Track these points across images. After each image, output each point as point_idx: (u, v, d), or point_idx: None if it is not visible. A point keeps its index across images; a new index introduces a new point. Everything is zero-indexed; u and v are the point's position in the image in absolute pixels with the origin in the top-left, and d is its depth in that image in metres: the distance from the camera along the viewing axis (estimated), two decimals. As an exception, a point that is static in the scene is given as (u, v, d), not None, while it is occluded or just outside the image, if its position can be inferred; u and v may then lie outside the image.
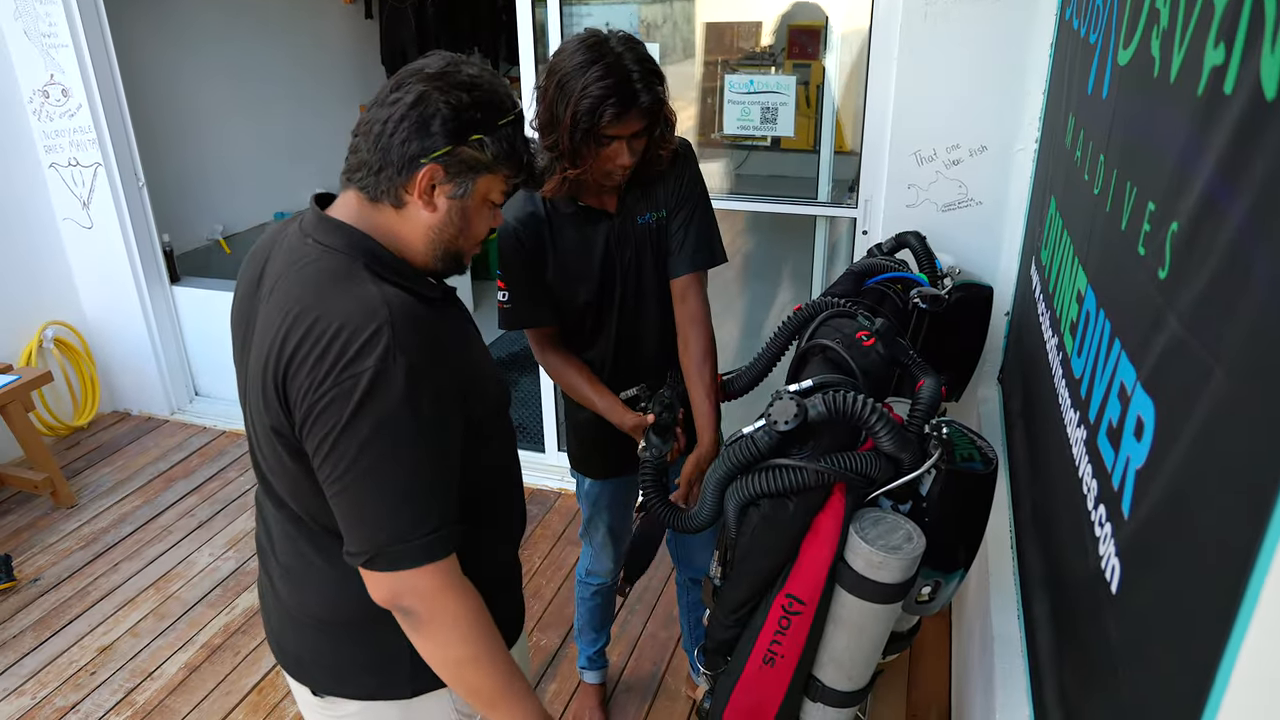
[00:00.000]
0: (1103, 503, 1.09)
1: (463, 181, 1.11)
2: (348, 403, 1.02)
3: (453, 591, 1.11)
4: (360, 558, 1.08)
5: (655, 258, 1.80)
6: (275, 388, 1.09)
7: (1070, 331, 1.46)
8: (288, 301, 1.09)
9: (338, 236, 1.12)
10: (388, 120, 1.08)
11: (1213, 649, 0.69)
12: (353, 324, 1.04)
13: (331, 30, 5.39)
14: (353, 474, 1.05)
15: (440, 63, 1.10)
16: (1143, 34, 1.18)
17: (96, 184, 3.76)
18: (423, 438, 1.06)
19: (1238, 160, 0.77)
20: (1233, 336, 0.74)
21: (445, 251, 1.17)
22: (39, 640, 2.74)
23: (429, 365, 1.06)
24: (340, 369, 1.03)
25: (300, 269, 1.11)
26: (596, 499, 2.09)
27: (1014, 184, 2.38)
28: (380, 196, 1.12)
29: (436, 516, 1.08)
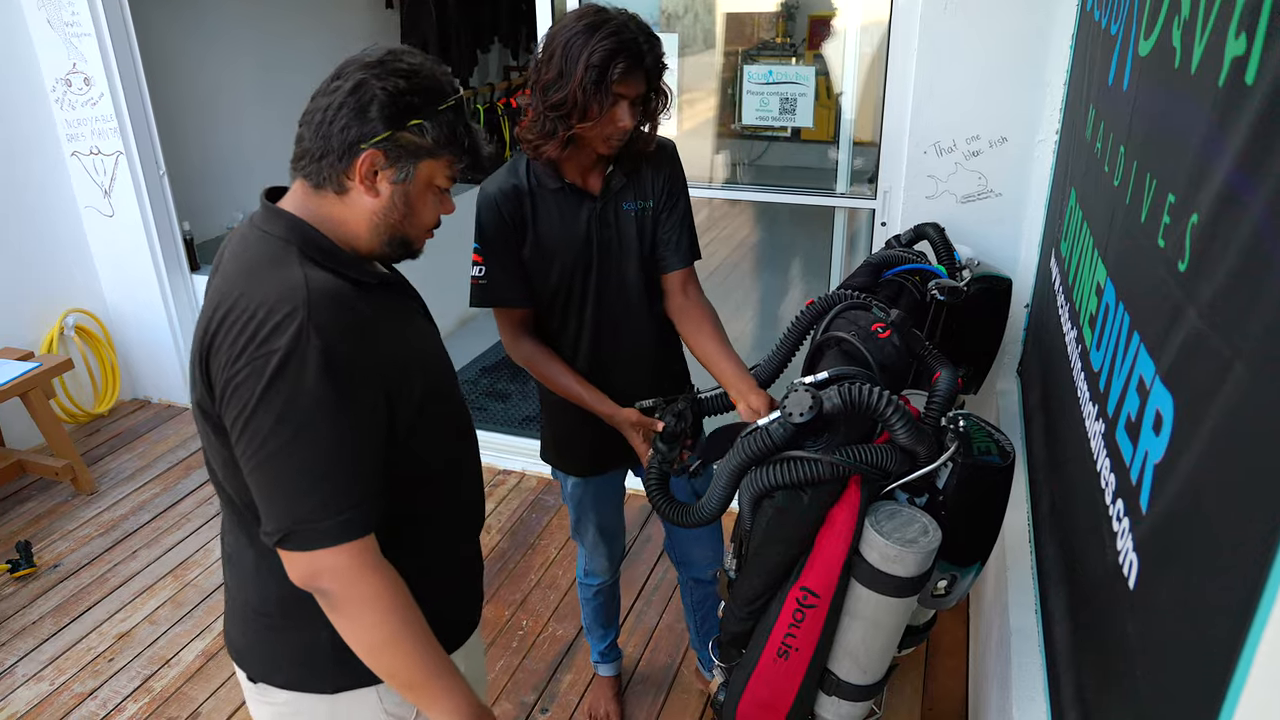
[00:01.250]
0: (1121, 497, 1.08)
1: (404, 166, 1.14)
2: (259, 380, 1.04)
3: (369, 571, 1.10)
4: (274, 536, 1.08)
5: (639, 246, 1.78)
6: (199, 365, 1.11)
7: (1089, 324, 1.44)
8: (221, 285, 1.13)
9: (276, 223, 1.16)
10: (328, 108, 1.11)
11: (1231, 645, 0.68)
12: (269, 304, 1.06)
13: (353, 19, 5.41)
14: (265, 451, 1.05)
15: (380, 52, 1.13)
16: (1164, 24, 1.17)
17: (118, 172, 3.79)
18: (337, 418, 1.06)
19: (1259, 152, 0.76)
20: (1253, 330, 0.73)
21: (391, 237, 1.19)
22: (58, 626, 2.78)
23: (346, 348, 1.07)
24: (255, 347, 1.04)
25: (239, 255, 1.16)
26: (580, 499, 2.05)
27: (1034, 176, 2.36)
28: (323, 183, 1.15)
29: (352, 495, 1.08)
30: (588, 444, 1.94)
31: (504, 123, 5.90)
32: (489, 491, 3.43)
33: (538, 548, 3.10)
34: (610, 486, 2.07)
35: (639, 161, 1.75)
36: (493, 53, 6.33)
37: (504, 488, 3.47)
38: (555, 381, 1.81)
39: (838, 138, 2.90)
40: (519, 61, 6.55)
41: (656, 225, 1.79)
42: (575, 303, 1.80)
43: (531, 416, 4.01)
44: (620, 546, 2.21)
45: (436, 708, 1.16)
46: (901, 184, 2.51)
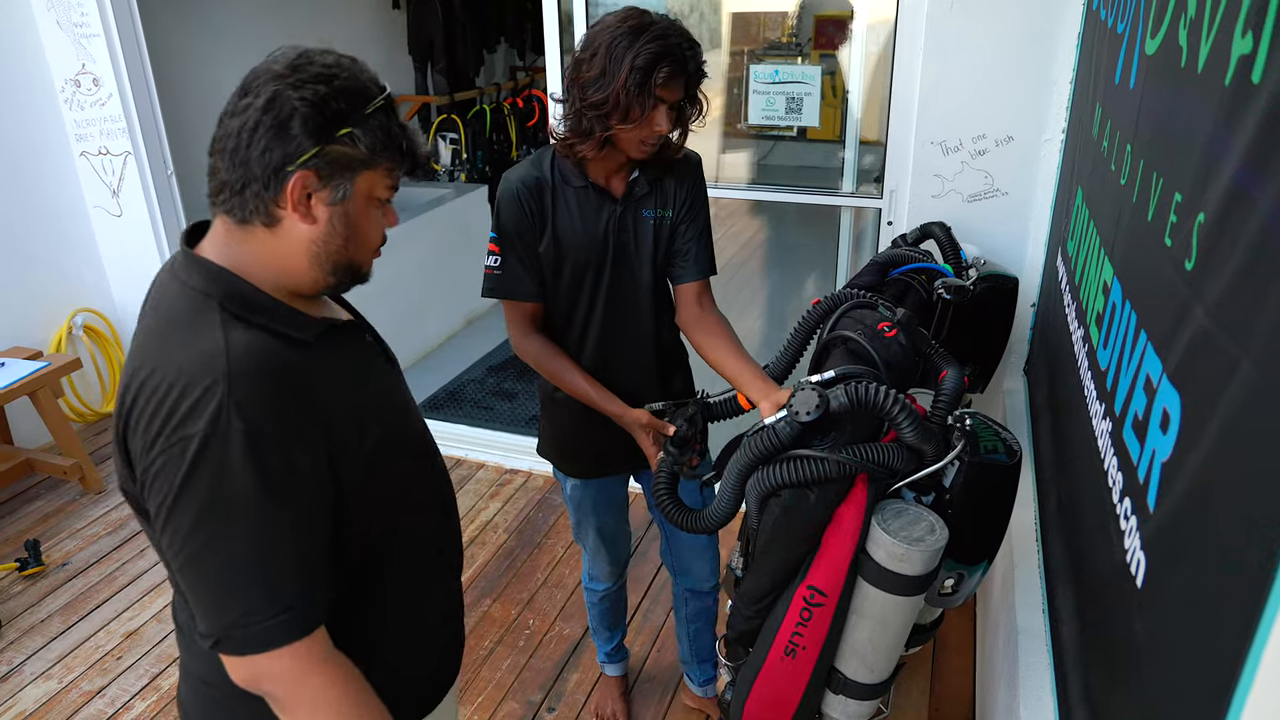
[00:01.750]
0: (1128, 495, 1.08)
1: (339, 183, 1.00)
2: (177, 470, 0.92)
3: (315, 671, 0.99)
4: (207, 640, 0.97)
5: (653, 255, 1.78)
6: (119, 445, 1.00)
7: (1096, 323, 1.44)
8: (136, 351, 1.01)
9: (195, 274, 1.02)
10: (241, 130, 0.97)
11: (1239, 643, 0.68)
12: (184, 379, 0.94)
13: (359, 20, 5.43)
14: (189, 549, 0.94)
15: (289, 57, 1.00)
16: (1170, 23, 1.17)
17: (126, 172, 3.81)
18: (265, 508, 0.94)
19: (1266, 150, 0.76)
20: (1260, 328, 0.73)
21: (335, 265, 1.06)
22: (66, 625, 2.79)
23: (277, 424, 0.95)
24: (170, 432, 0.93)
25: (155, 312, 1.03)
26: (580, 502, 2.04)
27: (1040, 175, 2.36)
28: (249, 217, 1.01)
29: (290, 592, 0.96)
30: (589, 445, 1.94)
31: (510, 122, 5.91)
32: (495, 491, 3.44)
33: (544, 546, 3.11)
34: (610, 490, 2.05)
35: (664, 169, 1.75)
36: (499, 53, 6.34)
37: (510, 487, 3.47)
38: (563, 379, 1.80)
39: (843, 137, 2.90)
40: (525, 61, 6.56)
41: (674, 235, 1.79)
42: (584, 302, 1.80)
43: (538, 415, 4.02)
44: (624, 551, 2.19)
45: None
46: (908, 183, 2.51)
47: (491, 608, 2.81)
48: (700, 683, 2.34)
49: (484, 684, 2.51)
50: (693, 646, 2.29)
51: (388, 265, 3.56)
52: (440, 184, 5.82)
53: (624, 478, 2.08)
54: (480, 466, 3.60)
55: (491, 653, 2.62)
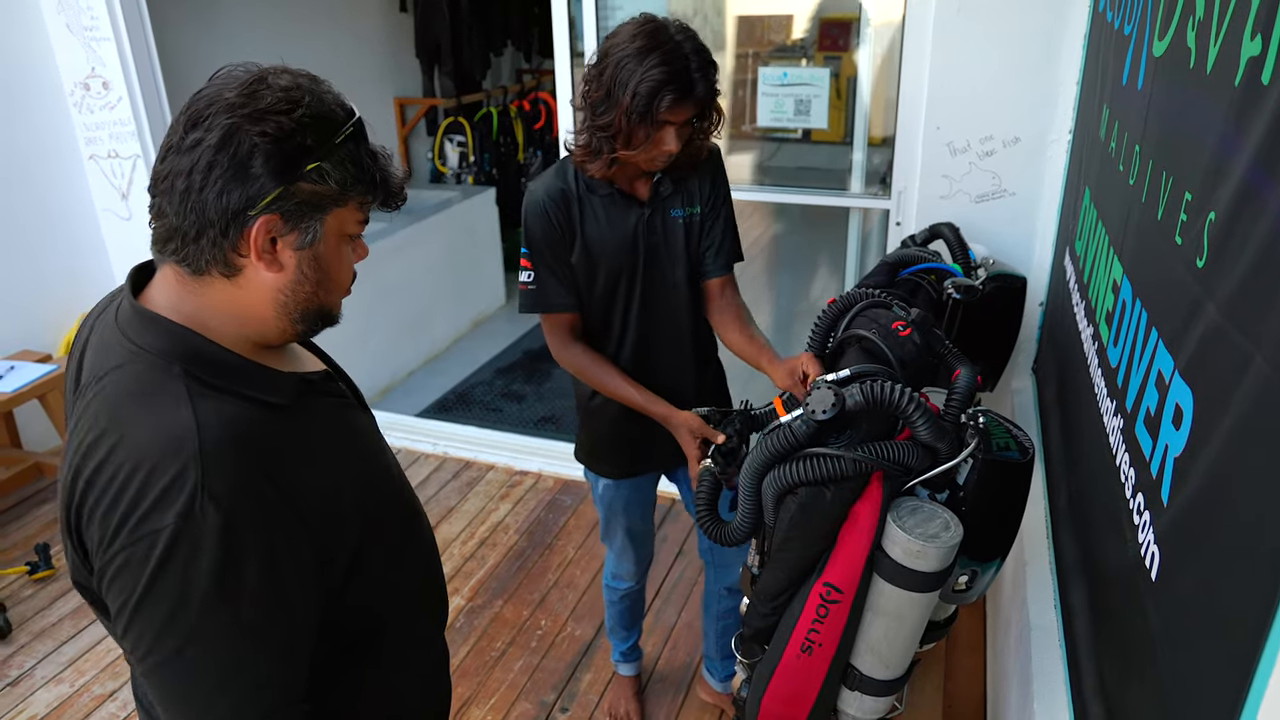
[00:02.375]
0: (1141, 490, 1.10)
1: (308, 225, 0.90)
2: (143, 570, 0.81)
3: None
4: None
5: (685, 253, 1.80)
6: (70, 534, 0.89)
7: (1106, 321, 1.46)
8: (84, 424, 0.87)
9: (151, 334, 0.90)
10: (193, 170, 0.85)
11: (1255, 634, 0.70)
12: (149, 463, 0.82)
13: (367, 22, 5.45)
14: (153, 659, 0.84)
15: (241, 81, 0.88)
16: (1178, 25, 1.19)
17: (135, 176, 3.84)
18: (243, 611, 0.84)
19: (1277, 150, 0.78)
20: (1273, 325, 0.75)
21: (304, 313, 0.95)
22: (77, 628, 2.79)
23: (258, 513, 0.85)
24: (133, 525, 0.82)
25: (103, 378, 0.89)
26: (611, 501, 2.06)
27: (1047, 175, 2.37)
28: (205, 267, 0.89)
29: (263, 705, 0.88)
30: (622, 446, 1.96)
31: (517, 126, 5.93)
32: (505, 492, 3.46)
33: (555, 547, 3.12)
34: (641, 490, 2.07)
35: (688, 169, 1.76)
36: (505, 55, 6.36)
37: (521, 488, 3.49)
38: (606, 385, 1.81)
39: (849, 138, 2.92)
40: (531, 64, 6.58)
41: (703, 231, 1.81)
42: (620, 306, 1.82)
43: (548, 417, 4.04)
44: (649, 552, 2.21)
45: None
46: (916, 184, 2.53)
47: (503, 609, 2.83)
48: (721, 678, 2.38)
49: (497, 685, 2.53)
50: (719, 643, 2.32)
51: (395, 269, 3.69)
52: (447, 187, 5.84)
53: (655, 477, 2.10)
54: (490, 468, 3.62)
55: (504, 654, 2.64)
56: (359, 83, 5.41)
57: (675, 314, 1.85)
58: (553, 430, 3.89)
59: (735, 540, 1.50)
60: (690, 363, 1.91)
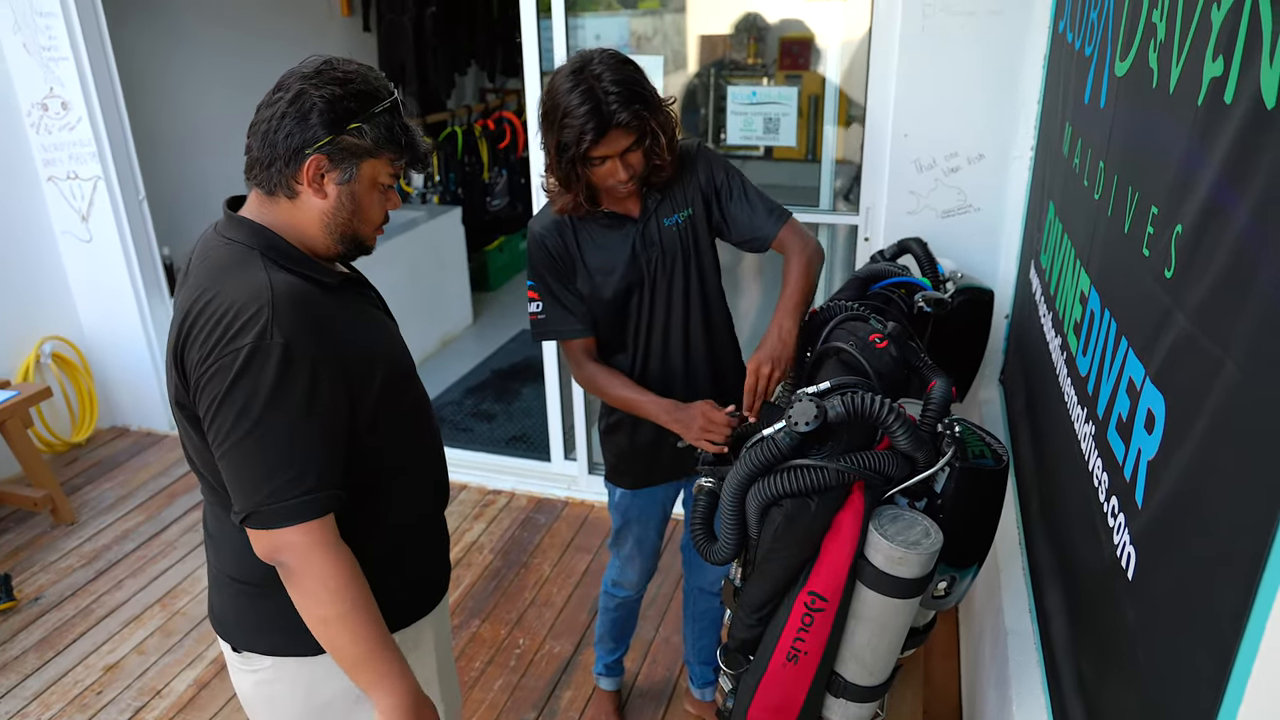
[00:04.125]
0: (1115, 494, 1.14)
1: (347, 167, 1.23)
2: (227, 375, 1.13)
3: (322, 549, 1.18)
4: (239, 516, 1.18)
5: (686, 258, 1.85)
6: (175, 361, 1.21)
7: (1074, 331, 1.51)
8: (192, 288, 1.21)
9: (239, 230, 1.25)
10: (271, 118, 1.20)
11: (1235, 625, 0.73)
12: (238, 304, 1.15)
13: (330, 43, 5.44)
14: (231, 439, 1.15)
15: (317, 62, 1.23)
16: (1140, 47, 1.24)
17: (96, 197, 3.78)
18: (297, 408, 1.15)
19: (1241, 165, 0.82)
20: (1243, 330, 0.78)
21: (343, 235, 1.28)
22: (42, 660, 2.73)
23: (307, 344, 1.16)
24: (224, 344, 1.14)
25: (205, 260, 1.25)
26: (626, 509, 2.10)
27: (1011, 191, 2.44)
28: (275, 189, 1.24)
29: (310, 480, 1.16)
30: (638, 457, 2.01)
31: (482, 145, 5.93)
32: (479, 512, 3.44)
33: (531, 566, 3.11)
34: (655, 501, 2.11)
35: (669, 179, 1.81)
36: (469, 75, 6.38)
37: (494, 507, 3.48)
38: (623, 399, 1.85)
39: (810, 156, 2.98)
40: (495, 83, 6.60)
41: (725, 216, 1.84)
42: (633, 320, 1.87)
43: (519, 436, 4.03)
44: (653, 566, 2.23)
45: (378, 688, 1.23)
46: (884, 200, 2.59)
47: (480, 628, 2.81)
48: (700, 685, 2.40)
49: (476, 705, 2.51)
50: (695, 646, 2.35)
51: None
52: (413, 207, 5.81)
53: (673, 489, 2.14)
54: (463, 488, 3.60)
55: (483, 673, 2.62)
56: (323, 102, 5.39)
57: (689, 319, 1.89)
58: (524, 449, 3.88)
59: (722, 559, 1.51)
60: (706, 367, 1.95)
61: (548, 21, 2.96)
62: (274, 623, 1.32)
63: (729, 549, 1.47)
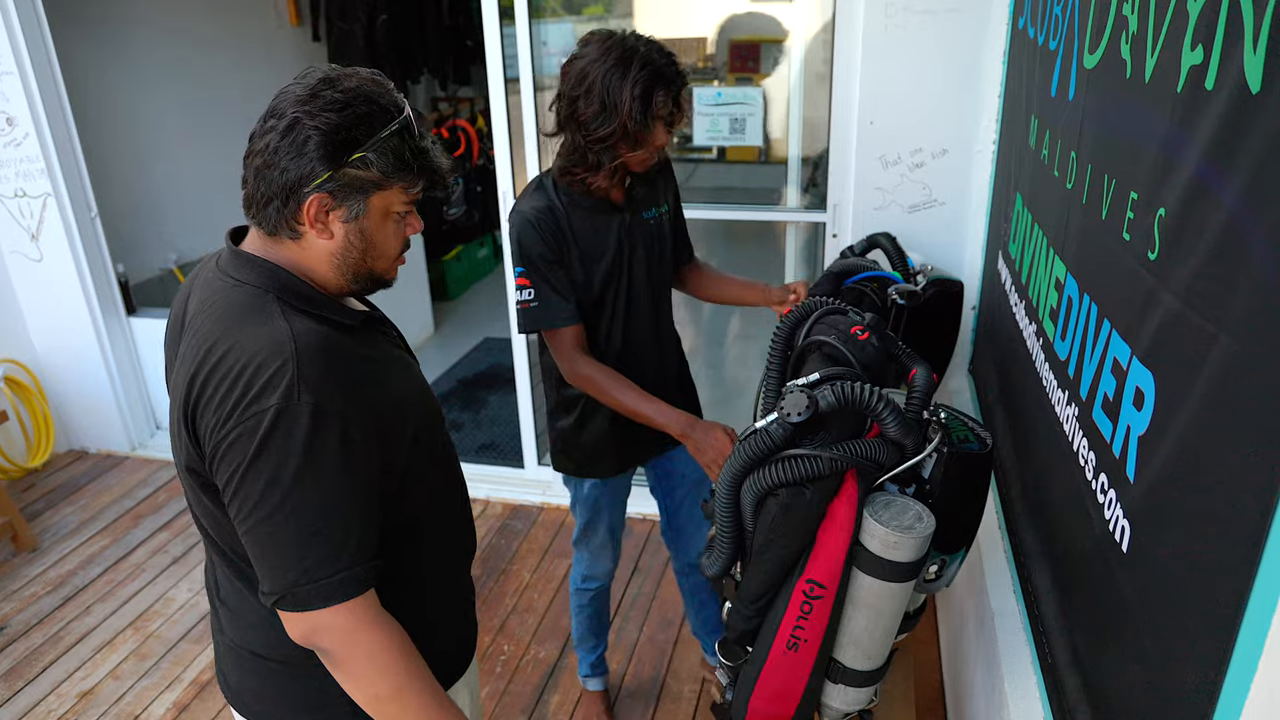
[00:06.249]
0: (1104, 471, 1.17)
1: (354, 203, 1.09)
2: (251, 441, 1.01)
3: (367, 628, 1.08)
4: (270, 598, 1.07)
5: (659, 253, 1.92)
6: (185, 424, 1.08)
7: (1050, 317, 1.55)
8: (199, 339, 1.09)
9: (248, 270, 1.12)
10: (265, 150, 1.07)
11: (1240, 587, 0.76)
12: (257, 360, 1.03)
13: (280, 54, 5.35)
14: (259, 514, 1.03)
15: (312, 82, 1.07)
16: (1110, 40, 1.28)
17: (46, 215, 3.68)
18: (330, 475, 1.04)
19: (1226, 147, 0.85)
20: (1236, 304, 0.82)
21: (356, 275, 1.16)
22: (12, 691, 2.65)
23: (338, 401, 1.04)
24: (244, 406, 1.02)
25: (212, 304, 1.11)
26: (597, 500, 2.12)
27: (975, 184, 2.50)
28: (276, 230, 1.11)
29: (349, 553, 1.06)
30: (617, 444, 2.02)
31: (438, 153, 5.89)
32: (453, 520, 3.42)
33: (510, 573, 3.10)
34: (624, 485, 2.16)
35: (653, 172, 1.88)
36: (421, 83, 6.33)
37: (469, 515, 3.45)
38: (621, 400, 1.81)
39: (764, 157, 3.03)
40: (447, 92, 6.56)
41: (674, 228, 1.96)
42: (608, 311, 1.89)
43: (488, 444, 4.01)
44: (619, 554, 2.27)
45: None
46: (850, 197, 2.63)
47: (462, 637, 2.79)
48: (713, 652, 2.44)
49: (462, 714, 2.49)
50: (700, 617, 2.40)
51: None
52: (370, 216, 5.75)
53: (633, 472, 2.18)
54: (435, 497, 3.56)
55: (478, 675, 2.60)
56: (276, 113, 5.31)
57: (657, 311, 1.95)
58: (494, 457, 3.86)
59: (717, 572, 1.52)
60: (668, 355, 2.03)
61: (510, 29, 2.95)
62: (305, 703, 1.23)
63: (725, 551, 1.49)
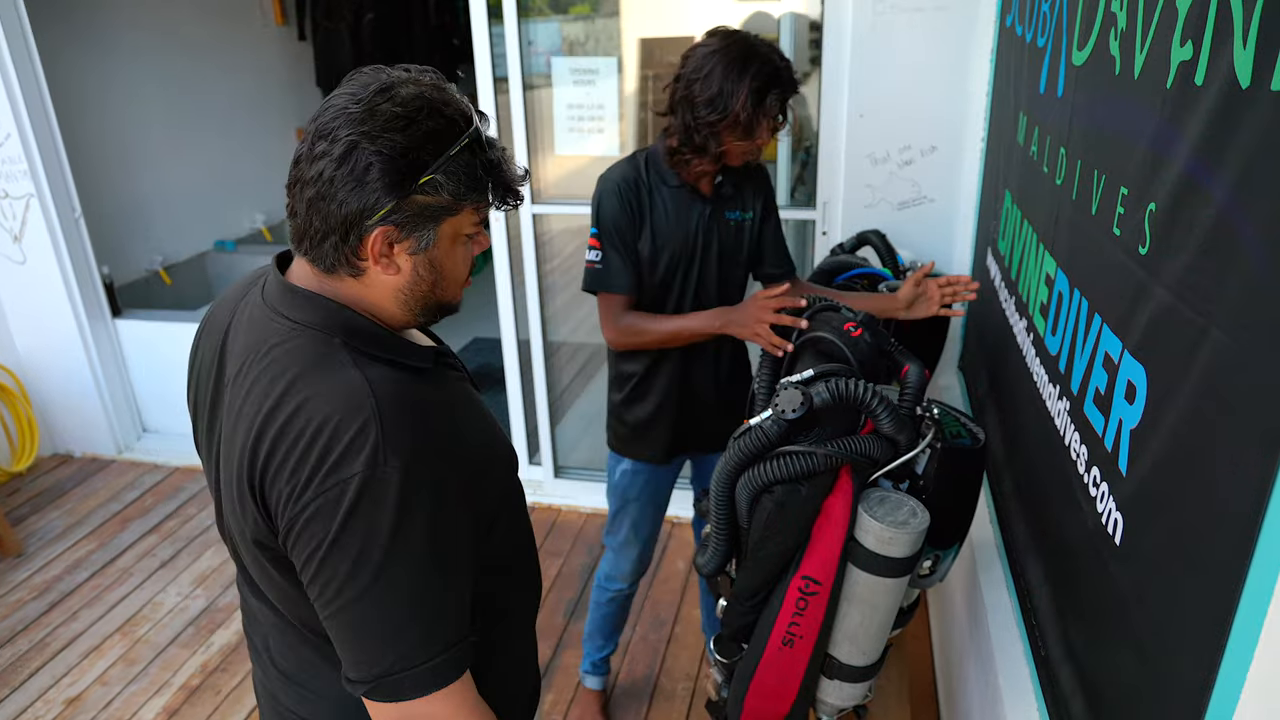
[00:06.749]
0: (1096, 464, 1.18)
1: (423, 233, 0.96)
2: (334, 515, 0.90)
3: (466, 714, 0.99)
4: (360, 687, 0.96)
5: (737, 255, 1.95)
6: (253, 495, 0.95)
7: (1041, 313, 1.56)
8: (259, 393, 0.96)
9: (307, 310, 0.99)
10: (318, 180, 0.93)
11: (1234, 577, 0.77)
12: (334, 420, 0.91)
13: (265, 54, 5.33)
14: (345, 596, 0.92)
15: (366, 95, 0.93)
16: (1099, 37, 1.29)
17: (29, 217, 3.64)
18: (423, 548, 0.93)
19: (1216, 142, 0.86)
20: (1228, 296, 0.83)
21: (424, 307, 1.04)
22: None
23: (425, 461, 0.93)
24: (324, 475, 0.90)
25: (269, 352, 0.98)
26: (626, 489, 2.13)
27: (963, 181, 2.51)
28: (334, 268, 0.98)
29: (444, 635, 0.96)
30: (663, 428, 2.05)
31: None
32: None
33: (501, 572, 3.09)
34: (660, 483, 2.15)
35: (744, 173, 1.93)
36: (408, 84, 6.31)
37: (459, 516, 3.44)
38: (658, 328, 1.89)
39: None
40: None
41: (758, 238, 1.98)
42: (673, 300, 1.93)
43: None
44: (647, 555, 2.25)
45: None
46: (840, 194, 2.64)
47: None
48: None
49: (456, 714, 2.48)
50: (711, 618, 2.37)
51: None
52: (357, 217, 5.72)
53: (676, 471, 2.19)
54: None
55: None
56: (260, 114, 5.28)
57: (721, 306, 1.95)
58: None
59: (713, 569, 1.52)
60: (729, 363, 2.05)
61: (499, 28, 2.95)
62: None
63: (721, 548, 1.49)
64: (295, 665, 1.13)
